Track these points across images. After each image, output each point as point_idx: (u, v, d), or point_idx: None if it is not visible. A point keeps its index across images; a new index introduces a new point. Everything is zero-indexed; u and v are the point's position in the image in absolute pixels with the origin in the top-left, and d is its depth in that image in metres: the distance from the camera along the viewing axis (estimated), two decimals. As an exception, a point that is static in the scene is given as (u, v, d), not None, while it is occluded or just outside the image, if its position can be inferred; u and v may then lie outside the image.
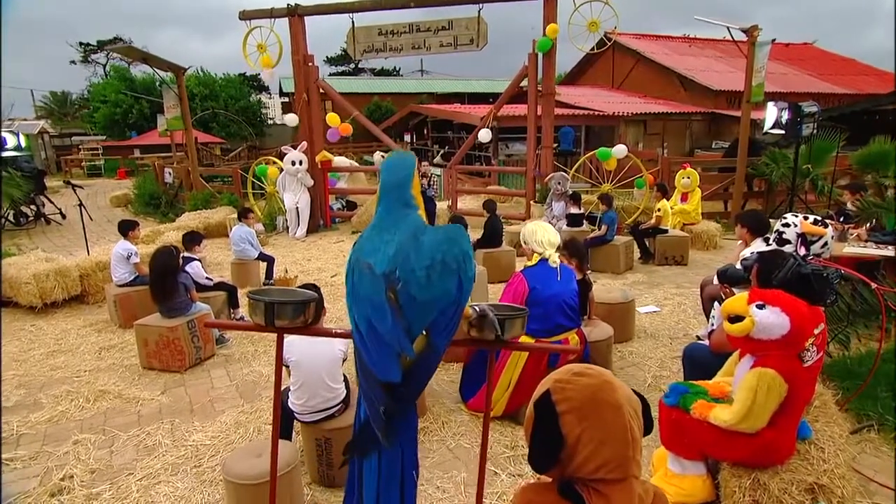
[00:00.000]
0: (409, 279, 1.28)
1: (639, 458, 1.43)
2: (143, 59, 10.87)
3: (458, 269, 1.34)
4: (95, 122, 25.03)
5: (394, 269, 1.29)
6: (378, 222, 1.43)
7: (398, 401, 1.25)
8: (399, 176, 1.46)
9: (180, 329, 4.31)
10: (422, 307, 1.27)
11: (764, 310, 2.17)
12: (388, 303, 1.26)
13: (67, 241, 10.20)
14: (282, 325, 1.64)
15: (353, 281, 1.37)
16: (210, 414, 3.68)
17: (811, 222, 3.55)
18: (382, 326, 1.24)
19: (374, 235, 1.41)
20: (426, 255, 1.31)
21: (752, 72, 8.66)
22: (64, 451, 3.24)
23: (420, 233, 1.38)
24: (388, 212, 1.43)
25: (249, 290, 1.75)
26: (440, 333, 1.31)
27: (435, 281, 1.29)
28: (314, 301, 1.68)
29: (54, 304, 5.87)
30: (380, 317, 1.26)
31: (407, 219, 1.41)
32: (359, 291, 1.33)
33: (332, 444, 2.79)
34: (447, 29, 9.30)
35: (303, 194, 9.78)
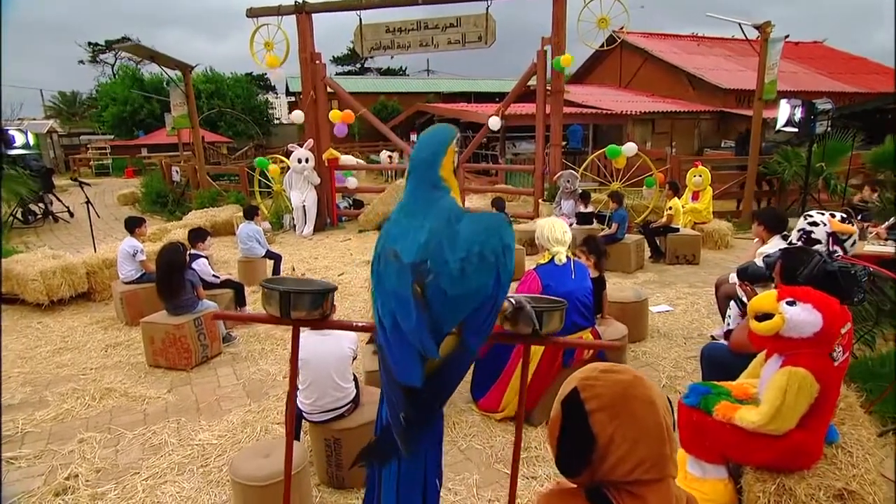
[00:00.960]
0: (442, 272, 1.14)
1: (675, 456, 1.35)
2: (150, 58, 10.87)
3: (496, 262, 1.20)
4: (104, 122, 25.14)
5: (424, 260, 1.15)
6: (405, 203, 1.29)
7: (419, 407, 1.12)
8: (426, 152, 1.31)
9: (187, 327, 4.26)
10: (453, 303, 1.15)
11: (795, 306, 2.08)
12: (414, 297, 1.13)
13: (75, 238, 10.20)
14: (298, 316, 1.53)
15: (378, 270, 1.24)
16: (217, 413, 3.63)
17: (839, 220, 3.44)
18: (406, 323, 1.12)
19: (402, 218, 1.27)
20: (462, 246, 1.17)
21: (764, 69, 8.53)
22: (69, 450, 3.20)
23: (455, 219, 1.22)
24: (415, 192, 1.30)
25: (263, 280, 1.63)
26: (473, 333, 1.18)
27: (470, 275, 1.15)
28: (332, 291, 1.58)
29: (61, 302, 5.83)
30: (404, 312, 1.13)
31: (439, 202, 1.27)
32: (384, 283, 1.20)
33: (342, 444, 2.72)
34: (455, 26, 9.22)
35: (310, 192, 9.73)
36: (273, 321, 1.59)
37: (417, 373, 1.10)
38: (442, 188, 1.30)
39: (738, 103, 16.76)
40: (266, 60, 9.62)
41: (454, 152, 1.34)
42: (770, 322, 2.12)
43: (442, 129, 1.37)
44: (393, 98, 26.50)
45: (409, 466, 1.22)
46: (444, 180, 1.31)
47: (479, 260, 1.17)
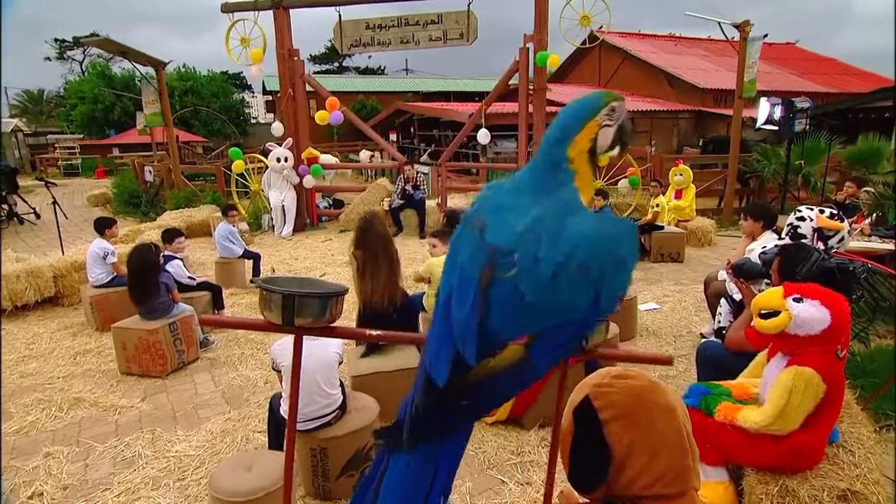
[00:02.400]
0: (527, 270, 0.92)
1: (697, 467, 1.26)
2: (121, 53, 10.50)
3: (599, 279, 0.95)
4: (72, 121, 24.39)
5: (511, 251, 0.94)
6: (520, 177, 1.07)
7: (437, 403, 0.96)
8: (557, 124, 1.06)
9: (161, 332, 4.06)
10: (528, 312, 0.93)
11: (802, 303, 2.02)
12: (479, 285, 0.93)
13: (42, 241, 9.80)
14: (304, 323, 1.31)
15: (458, 234, 1.04)
16: (194, 422, 3.45)
17: (827, 216, 3.42)
18: (458, 311, 0.94)
19: (508, 192, 1.04)
20: (563, 247, 0.93)
21: (744, 67, 8.61)
22: (33, 466, 2.99)
23: (570, 212, 0.98)
24: (533, 169, 1.06)
25: (261, 280, 1.42)
26: (545, 353, 0.97)
27: (561, 285, 0.92)
28: (343, 294, 1.37)
29: (26, 307, 5.55)
30: (461, 297, 0.94)
31: (557, 190, 1.02)
32: (456, 252, 1.01)
33: (328, 453, 2.58)
34: (436, 23, 9.10)
35: (289, 192, 9.52)
36: (272, 329, 1.37)
37: (443, 369, 0.93)
38: (565, 171, 1.04)
39: (715, 103, 17.00)
40: (248, 58, 9.35)
41: (598, 127, 1.06)
42: (776, 319, 2.06)
43: (589, 96, 1.09)
44: (372, 97, 26.28)
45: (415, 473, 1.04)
46: (570, 161, 1.05)
47: (580, 271, 0.93)
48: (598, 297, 0.96)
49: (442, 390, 0.94)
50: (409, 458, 1.01)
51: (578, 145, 1.05)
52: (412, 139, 22.46)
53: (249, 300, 5.78)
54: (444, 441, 1.02)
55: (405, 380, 3.24)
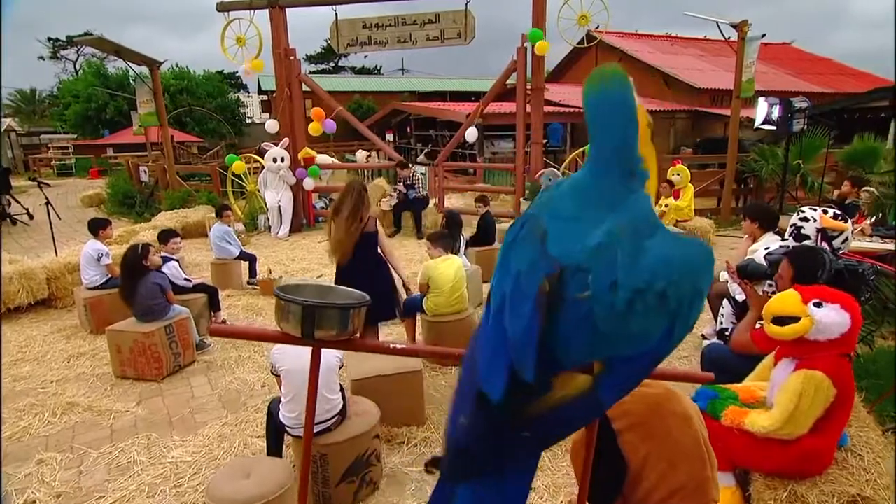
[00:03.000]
0: (603, 296, 0.82)
1: (716, 477, 1.21)
2: (115, 52, 10.41)
3: (677, 311, 0.86)
4: (66, 120, 24.20)
5: (585, 269, 0.83)
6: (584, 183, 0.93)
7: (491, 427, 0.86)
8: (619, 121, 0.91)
9: (157, 334, 4.00)
10: (598, 341, 0.83)
11: (823, 308, 1.98)
12: (537, 300, 0.83)
13: (35, 242, 9.70)
14: (325, 336, 1.23)
15: (514, 236, 0.93)
16: (191, 427, 3.39)
17: (831, 216, 3.39)
18: (514, 325, 0.84)
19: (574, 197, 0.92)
20: (643, 273, 0.83)
21: (742, 67, 8.59)
22: (26, 473, 2.92)
23: (645, 229, 0.87)
24: (601, 177, 0.92)
25: (277, 287, 1.32)
26: (614, 387, 0.88)
27: (638, 314, 0.83)
28: (365, 305, 1.30)
29: (18, 309, 5.47)
30: (515, 310, 0.85)
31: (631, 199, 0.90)
32: (512, 255, 0.91)
33: (328, 459, 2.53)
34: (434, 22, 9.05)
35: (285, 192, 9.45)
36: (290, 341, 1.29)
37: (499, 386, 0.83)
38: (639, 175, 0.92)
39: (712, 103, 17.02)
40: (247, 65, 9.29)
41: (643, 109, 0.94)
42: (796, 326, 2.01)
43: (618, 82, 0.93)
44: (368, 97, 26.21)
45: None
46: (642, 163, 0.93)
47: (659, 301, 0.84)
48: (672, 329, 0.87)
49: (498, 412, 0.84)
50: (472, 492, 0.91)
51: (643, 139, 0.92)
52: (409, 139, 22.40)
53: (246, 302, 5.72)
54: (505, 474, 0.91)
55: (406, 383, 3.20)
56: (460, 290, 4.14)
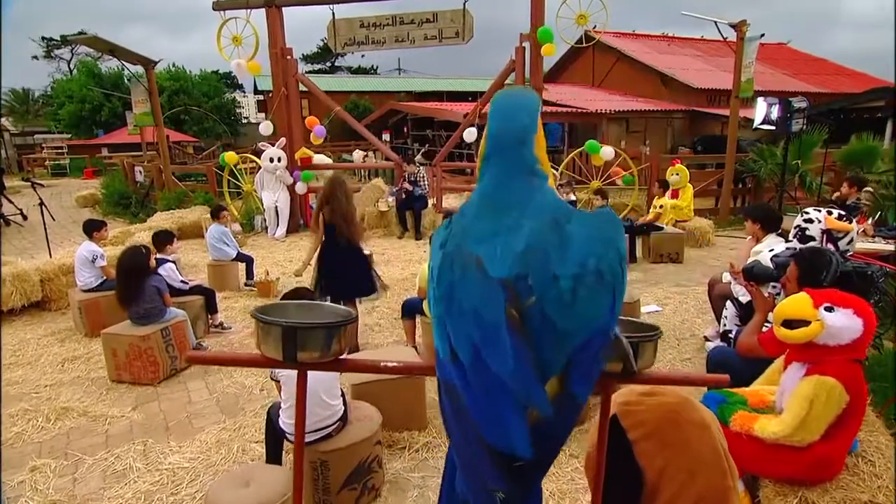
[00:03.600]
0: (548, 293, 0.81)
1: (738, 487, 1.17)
2: (110, 52, 10.29)
3: (613, 281, 0.88)
4: (60, 120, 24.05)
5: (524, 275, 0.82)
6: (488, 196, 0.94)
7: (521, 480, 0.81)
8: (514, 123, 0.96)
9: (153, 337, 3.94)
10: (561, 337, 0.82)
11: (834, 313, 1.94)
12: (510, 325, 0.80)
13: (29, 243, 9.60)
14: (308, 359, 1.16)
15: (449, 281, 0.89)
16: (188, 432, 3.33)
17: (835, 217, 3.36)
18: (499, 363, 0.79)
19: (485, 214, 0.92)
20: (574, 258, 0.84)
21: (740, 67, 8.58)
22: (19, 480, 2.86)
23: (563, 219, 0.89)
24: (502, 179, 0.94)
25: (255, 308, 1.25)
26: (582, 379, 0.85)
27: (583, 298, 0.83)
28: (352, 322, 1.24)
29: (12, 312, 5.38)
30: (494, 347, 0.80)
31: (538, 194, 0.93)
32: (459, 300, 0.86)
33: (329, 466, 2.48)
34: (431, 21, 9.00)
35: (282, 192, 9.38)
36: (271, 365, 1.23)
37: (521, 434, 0.77)
38: (539, 174, 0.95)
39: (709, 103, 17.03)
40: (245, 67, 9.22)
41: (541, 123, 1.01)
42: (807, 330, 1.97)
43: (525, 94, 1.01)
44: (364, 97, 26.15)
45: None
46: (540, 163, 0.96)
47: (597, 279, 0.85)
48: (614, 301, 0.89)
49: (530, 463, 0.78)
50: None
51: (539, 144, 0.97)
52: (405, 139, 22.35)
53: (243, 304, 5.65)
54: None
55: (407, 387, 3.15)
56: (461, 291, 4.08)
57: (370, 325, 4.98)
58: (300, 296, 2.51)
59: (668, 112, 16.83)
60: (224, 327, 4.96)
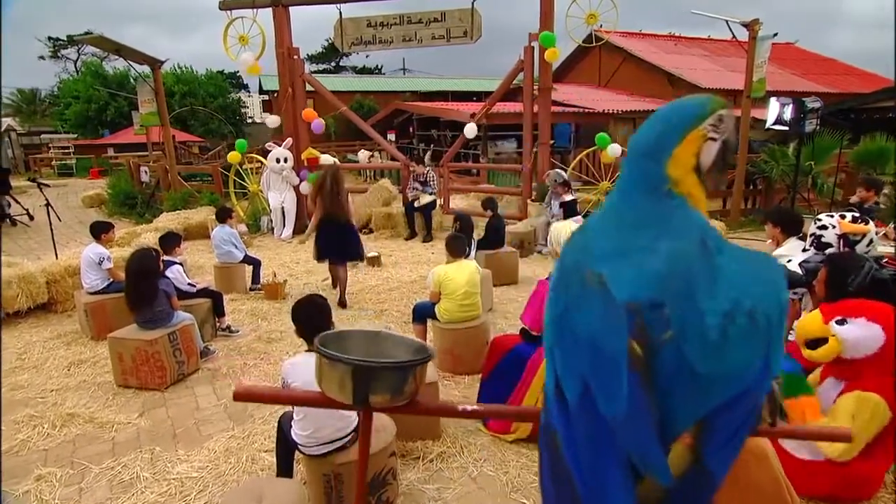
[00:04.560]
0: (690, 329, 0.68)
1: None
2: (116, 51, 10.27)
3: (770, 331, 0.73)
4: (66, 120, 24.09)
5: (659, 303, 0.69)
6: (614, 209, 0.82)
7: None
8: (647, 133, 0.83)
9: (160, 342, 3.87)
10: (701, 386, 0.68)
11: (846, 325, 1.86)
12: (632, 362, 0.67)
13: (35, 243, 9.57)
14: (379, 402, 1.04)
15: (564, 302, 0.76)
16: (196, 440, 3.26)
17: (850, 220, 3.27)
18: (610, 404, 0.66)
19: (611, 229, 0.80)
20: (727, 294, 0.70)
21: (752, 67, 8.46)
22: (24, 490, 2.79)
23: (714, 246, 0.75)
24: (629, 195, 0.81)
25: (318, 340, 1.14)
26: (724, 445, 0.69)
27: (735, 342, 0.68)
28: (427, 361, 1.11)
29: (17, 314, 5.33)
30: (607, 384, 0.67)
31: (679, 213, 0.78)
32: (575, 325, 0.72)
33: (343, 479, 2.40)
34: (439, 21, 8.92)
35: (288, 193, 9.31)
36: (334, 406, 1.10)
37: (622, 497, 0.64)
38: (671, 195, 0.79)
39: (716, 103, 16.87)
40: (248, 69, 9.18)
41: (702, 139, 0.82)
42: (826, 348, 1.89)
43: (692, 100, 0.85)
44: (369, 97, 26.08)
45: None
46: (673, 183, 0.80)
47: (750, 322, 0.71)
48: (768, 355, 0.74)
49: None
50: None
51: (680, 161, 0.81)
52: (411, 139, 22.27)
53: (250, 306, 5.59)
54: None
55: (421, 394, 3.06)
56: (474, 295, 4.00)
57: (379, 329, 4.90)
58: (314, 303, 2.43)
59: (675, 112, 16.69)
60: (232, 330, 4.89)
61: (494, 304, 5.42)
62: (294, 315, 2.43)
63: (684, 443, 0.68)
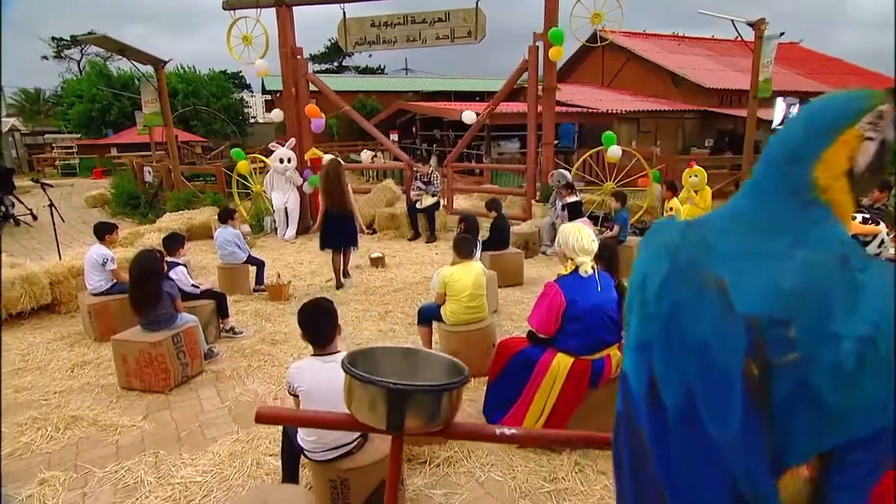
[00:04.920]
0: (820, 354, 0.60)
1: None
2: (119, 51, 10.25)
3: None
4: (69, 120, 24.14)
5: (784, 321, 0.61)
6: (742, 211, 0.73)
7: None
8: (789, 134, 0.74)
9: (164, 344, 3.84)
10: (829, 419, 0.61)
11: None
12: (746, 381, 0.60)
13: (38, 243, 9.56)
14: (415, 427, 1.00)
15: (674, 300, 0.67)
16: (200, 443, 3.23)
17: (860, 221, 3.22)
18: (720, 423, 0.60)
19: (736, 230, 0.70)
20: (867, 317, 0.61)
21: (759, 66, 8.41)
22: (27, 494, 2.76)
23: (856, 262, 0.65)
24: (762, 198, 0.72)
25: (345, 357, 1.09)
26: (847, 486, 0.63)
27: (874, 372, 0.60)
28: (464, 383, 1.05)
29: (20, 315, 5.32)
30: (717, 400, 0.60)
31: (817, 223, 0.69)
32: (685, 327, 0.64)
33: (349, 485, 2.36)
34: (444, 21, 8.89)
35: (292, 193, 9.28)
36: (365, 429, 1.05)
37: None
38: (814, 204, 0.70)
39: (721, 103, 16.81)
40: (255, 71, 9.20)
41: (858, 140, 0.71)
42: None
43: (846, 94, 0.74)
44: (372, 97, 26.08)
45: None
46: (819, 191, 0.71)
47: (889, 349, 0.61)
48: None
49: None
50: None
51: (830, 165, 0.71)
52: (413, 139, 22.25)
53: (254, 308, 5.56)
54: None
55: (427, 399, 3.03)
56: (480, 297, 3.97)
57: (384, 331, 4.87)
58: (320, 306, 2.40)
59: (679, 112, 16.64)
60: (235, 332, 4.87)
61: (499, 306, 5.38)
62: (300, 319, 2.40)
63: (802, 474, 0.63)
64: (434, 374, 1.05)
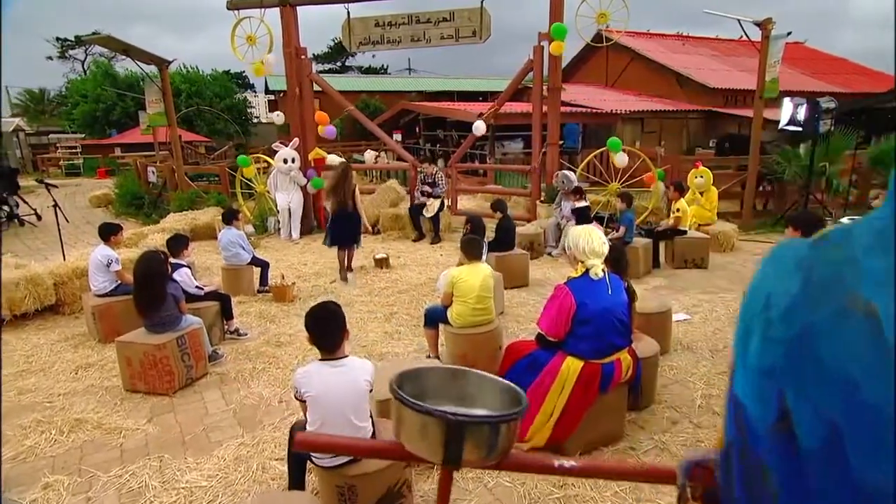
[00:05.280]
0: None
1: None
2: (124, 51, 10.24)
3: None
4: (74, 120, 24.18)
5: None
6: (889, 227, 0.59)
7: None
8: None
9: (168, 346, 3.82)
10: None
11: None
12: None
13: (43, 243, 9.57)
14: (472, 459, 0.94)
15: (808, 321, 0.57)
16: (205, 447, 3.20)
17: None
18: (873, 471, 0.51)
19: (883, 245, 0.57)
20: None
21: (765, 66, 8.34)
22: (31, 499, 2.74)
23: None
24: None
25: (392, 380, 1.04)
26: None
27: None
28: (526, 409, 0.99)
29: (24, 316, 5.30)
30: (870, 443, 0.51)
31: None
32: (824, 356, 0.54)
33: (357, 491, 2.33)
34: (448, 20, 8.84)
35: (295, 194, 9.25)
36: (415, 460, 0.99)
37: None
38: None
39: (725, 103, 16.73)
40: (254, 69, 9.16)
41: None
42: None
43: None
44: (375, 97, 26.04)
45: None
46: None
47: None
48: None
49: None
50: None
51: None
52: (417, 139, 22.22)
53: (258, 309, 5.53)
54: None
55: (434, 403, 2.99)
56: (487, 299, 3.93)
57: (390, 333, 4.84)
58: (327, 310, 2.36)
59: (684, 112, 16.57)
60: (240, 334, 4.84)
61: (505, 308, 5.34)
62: (308, 322, 2.36)
63: None
64: (487, 399, 0.99)
